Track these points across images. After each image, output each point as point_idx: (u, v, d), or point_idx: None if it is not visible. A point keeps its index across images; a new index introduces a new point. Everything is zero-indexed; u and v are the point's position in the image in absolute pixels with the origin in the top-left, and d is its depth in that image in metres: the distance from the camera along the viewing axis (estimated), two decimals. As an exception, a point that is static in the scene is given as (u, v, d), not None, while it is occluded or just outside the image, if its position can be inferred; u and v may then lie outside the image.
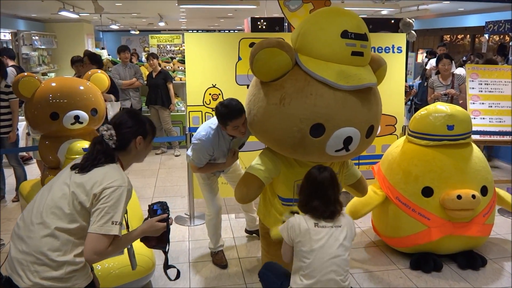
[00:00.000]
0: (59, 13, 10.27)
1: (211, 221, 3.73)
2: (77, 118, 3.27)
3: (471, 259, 3.68)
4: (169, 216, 2.27)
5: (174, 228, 4.48)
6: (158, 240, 2.30)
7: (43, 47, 13.80)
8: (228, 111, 3.14)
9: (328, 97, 2.71)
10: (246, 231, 4.35)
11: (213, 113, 4.46)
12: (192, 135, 4.44)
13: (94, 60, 5.61)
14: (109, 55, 11.38)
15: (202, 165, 3.41)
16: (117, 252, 2.16)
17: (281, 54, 2.71)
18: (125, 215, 2.21)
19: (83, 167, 2.06)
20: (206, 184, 3.70)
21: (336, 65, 2.73)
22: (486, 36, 12.83)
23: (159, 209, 2.26)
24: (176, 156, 7.47)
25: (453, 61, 6.11)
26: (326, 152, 2.83)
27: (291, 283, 2.54)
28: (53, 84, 3.36)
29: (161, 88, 7.29)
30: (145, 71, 8.17)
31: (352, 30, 2.73)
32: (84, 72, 5.35)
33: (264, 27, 6.65)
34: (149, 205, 2.31)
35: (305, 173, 2.61)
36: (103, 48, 17.33)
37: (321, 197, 2.50)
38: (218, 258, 3.76)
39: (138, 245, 3.24)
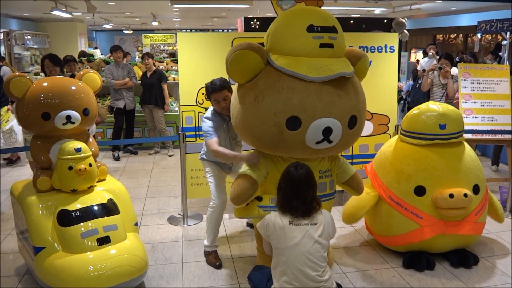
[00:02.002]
0: (51, 12, 10.24)
1: (214, 212, 3.69)
2: (69, 118, 3.25)
3: (463, 258, 3.70)
4: None
5: (168, 228, 4.48)
6: None
7: (35, 46, 13.75)
8: (210, 86, 3.53)
9: (301, 90, 2.79)
10: (248, 224, 4.42)
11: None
12: (186, 135, 4.45)
13: (57, 62, 5.52)
14: (102, 54, 11.33)
15: (214, 135, 3.49)
16: None
17: (251, 54, 2.85)
18: None
19: None
20: (215, 175, 3.76)
21: (306, 59, 2.84)
22: (479, 35, 12.89)
23: None
24: (170, 156, 7.46)
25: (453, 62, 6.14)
26: (307, 145, 2.88)
27: (273, 279, 2.62)
28: (45, 84, 3.33)
29: (155, 88, 7.27)
30: (138, 71, 8.15)
31: (318, 24, 2.86)
32: (49, 73, 5.31)
33: (257, 26, 6.62)
34: None
35: (282, 173, 2.66)
36: (96, 48, 17.24)
37: (299, 196, 2.55)
38: (211, 258, 3.75)
39: (131, 246, 3.25)
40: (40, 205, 3.23)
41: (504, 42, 10.84)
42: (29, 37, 13.46)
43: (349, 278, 3.53)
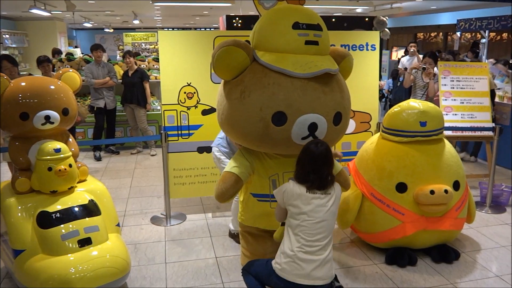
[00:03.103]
0: (30, 11, 10.07)
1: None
2: (48, 118, 3.20)
3: (444, 253, 3.75)
4: None
5: (150, 229, 4.44)
6: None
7: (14, 45, 13.52)
8: None
9: (286, 86, 2.82)
10: (230, 234, 4.26)
11: (189, 112, 4.47)
12: (168, 134, 4.42)
13: (15, 62, 5.45)
14: (82, 53, 11.18)
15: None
16: None
17: (237, 51, 2.86)
18: None
19: None
20: None
21: (291, 55, 2.87)
22: (458, 34, 13.07)
23: None
24: (152, 155, 7.40)
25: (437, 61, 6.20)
26: (293, 140, 2.90)
27: (280, 246, 2.73)
28: (23, 84, 3.28)
29: (137, 87, 7.20)
30: (119, 70, 8.06)
31: (303, 21, 2.90)
32: (9, 75, 5.21)
33: (239, 25, 6.62)
34: None
35: (303, 147, 2.74)
36: (76, 47, 17.02)
37: (316, 171, 2.66)
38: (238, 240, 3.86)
39: (112, 247, 3.22)
40: (19, 207, 3.17)
41: (483, 41, 11.02)
42: (7, 36, 13.22)
43: (333, 276, 3.55)
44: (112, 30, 22.46)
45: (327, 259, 2.66)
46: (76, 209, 3.24)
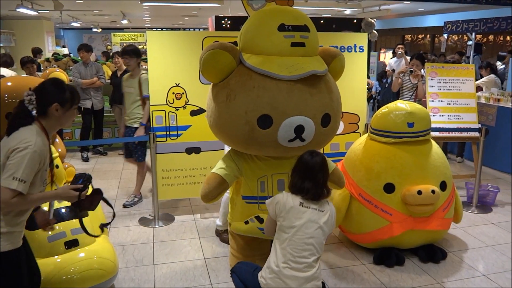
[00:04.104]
0: (17, 10, 9.97)
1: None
2: (34, 118, 3.18)
3: (431, 253, 3.78)
4: (86, 188, 2.39)
5: (138, 230, 4.42)
6: (78, 205, 2.41)
7: (1, 45, 13.36)
8: None
9: (272, 88, 2.81)
10: (216, 233, 4.30)
11: (177, 112, 4.45)
12: (156, 135, 4.40)
13: None
14: (70, 53, 11.10)
15: None
16: (30, 207, 2.35)
17: (223, 54, 2.86)
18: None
19: (7, 132, 2.28)
20: None
21: (277, 58, 2.87)
22: (445, 36, 13.19)
23: (80, 179, 2.41)
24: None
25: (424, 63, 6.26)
26: (279, 143, 2.89)
27: (267, 260, 2.67)
28: (9, 84, 3.25)
29: None
30: (107, 70, 8.01)
31: (289, 23, 2.89)
32: None
33: (228, 25, 6.63)
34: (75, 175, 2.47)
35: (298, 157, 2.73)
36: (64, 46, 16.91)
37: (311, 178, 2.62)
38: (226, 236, 3.91)
39: (100, 248, 3.19)
40: (5, 208, 3.13)
41: (470, 43, 11.13)
42: (-7, 35, 13.08)
43: (322, 275, 3.55)
44: (100, 30, 22.30)
45: (313, 277, 2.59)
46: (63, 210, 3.22)
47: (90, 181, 2.45)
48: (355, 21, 7.39)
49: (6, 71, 6.71)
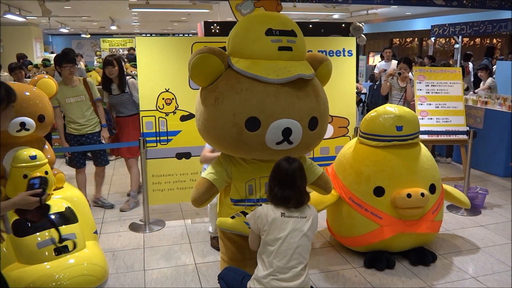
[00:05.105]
0: (4, 16, 9.91)
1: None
2: (23, 125, 3.15)
3: (422, 256, 3.80)
4: (45, 192, 2.27)
5: (129, 236, 4.40)
6: (33, 214, 2.32)
7: (-13, 51, 13.27)
8: None
9: (259, 91, 2.84)
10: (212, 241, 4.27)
11: (167, 118, 4.45)
12: (146, 140, 4.39)
13: None
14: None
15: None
16: None
17: (212, 58, 2.89)
18: None
19: None
20: None
21: (265, 62, 2.91)
22: (432, 39, 13.34)
23: (36, 184, 2.28)
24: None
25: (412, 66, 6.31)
26: (267, 146, 2.91)
27: (255, 272, 2.64)
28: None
29: None
30: (96, 76, 7.97)
31: (276, 28, 2.94)
32: None
33: (217, 31, 6.65)
34: (28, 179, 2.34)
35: (274, 166, 2.72)
36: (52, 52, 16.80)
37: (292, 187, 2.62)
38: (216, 241, 3.92)
39: (90, 255, 3.18)
40: (-6, 216, 3.11)
41: (457, 46, 11.27)
42: (-20, 41, 12.99)
43: (312, 279, 3.56)
44: (89, 36, 22.24)
45: (302, 284, 2.58)
46: (53, 216, 3.19)
47: (47, 184, 2.40)
48: (343, 25, 7.44)
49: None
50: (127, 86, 5.01)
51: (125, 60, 7.27)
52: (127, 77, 5.12)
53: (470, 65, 10.57)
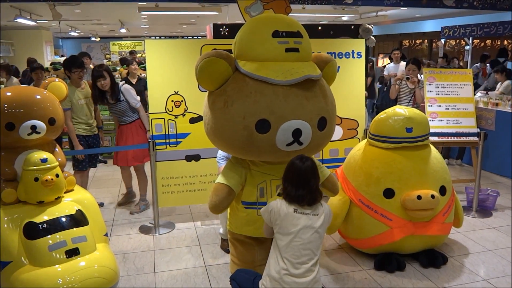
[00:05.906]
0: (15, 20, 10.00)
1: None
2: (34, 128, 3.18)
3: (432, 258, 3.78)
4: None
5: (139, 238, 4.42)
6: None
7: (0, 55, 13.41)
8: None
9: (268, 93, 2.85)
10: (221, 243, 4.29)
11: (176, 120, 4.47)
12: (156, 143, 4.41)
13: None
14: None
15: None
16: None
17: (219, 61, 2.89)
18: None
19: None
20: None
21: (272, 63, 2.91)
22: (442, 41, 13.26)
23: None
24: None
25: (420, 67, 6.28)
26: (278, 147, 2.91)
27: (265, 269, 2.68)
28: (8, 94, 3.25)
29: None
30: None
31: (283, 29, 2.94)
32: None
33: (226, 33, 6.65)
34: None
35: (287, 165, 2.74)
36: (62, 56, 16.93)
37: (305, 185, 2.65)
38: (226, 243, 3.97)
39: (100, 257, 3.20)
40: (6, 218, 3.14)
41: (467, 47, 11.18)
42: (-8, 45, 13.12)
43: (322, 281, 3.55)
44: (98, 39, 22.38)
45: (314, 281, 2.61)
46: (64, 219, 3.22)
47: None
48: (352, 27, 7.41)
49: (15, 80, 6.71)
50: (121, 94, 4.93)
51: (137, 63, 7.28)
52: (121, 83, 5.14)
53: (488, 66, 10.44)
